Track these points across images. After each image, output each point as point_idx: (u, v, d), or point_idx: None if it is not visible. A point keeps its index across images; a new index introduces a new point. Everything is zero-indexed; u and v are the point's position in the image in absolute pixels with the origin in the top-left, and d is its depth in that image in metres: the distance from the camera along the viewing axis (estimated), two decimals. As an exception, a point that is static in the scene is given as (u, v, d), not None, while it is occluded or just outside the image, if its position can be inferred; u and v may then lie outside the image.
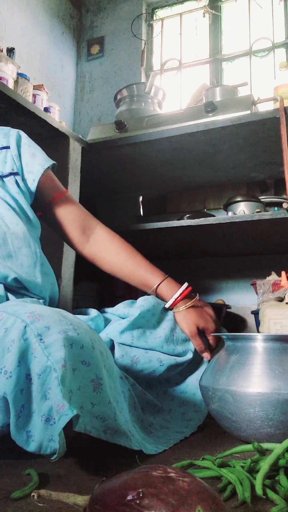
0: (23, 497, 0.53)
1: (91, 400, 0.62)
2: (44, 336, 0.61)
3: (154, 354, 0.94)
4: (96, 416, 0.62)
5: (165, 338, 0.96)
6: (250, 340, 0.80)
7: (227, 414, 0.77)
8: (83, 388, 0.62)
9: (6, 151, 1.01)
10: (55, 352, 0.60)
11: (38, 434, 0.58)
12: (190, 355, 0.97)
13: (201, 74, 2.62)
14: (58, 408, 0.56)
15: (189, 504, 0.38)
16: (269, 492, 0.53)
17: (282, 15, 2.46)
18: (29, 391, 0.60)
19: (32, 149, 1.04)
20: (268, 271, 1.56)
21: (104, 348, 0.72)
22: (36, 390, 0.59)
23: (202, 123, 1.72)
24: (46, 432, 0.57)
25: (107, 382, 0.67)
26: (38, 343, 0.60)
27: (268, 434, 0.73)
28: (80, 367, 0.62)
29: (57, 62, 2.71)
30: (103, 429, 0.62)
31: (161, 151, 1.87)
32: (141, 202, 2.50)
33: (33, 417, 0.59)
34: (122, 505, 0.39)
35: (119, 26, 2.79)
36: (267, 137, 1.72)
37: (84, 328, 0.68)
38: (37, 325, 0.62)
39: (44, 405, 0.58)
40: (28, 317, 0.63)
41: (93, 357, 0.65)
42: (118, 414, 0.66)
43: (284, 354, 0.77)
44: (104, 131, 1.99)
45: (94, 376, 0.64)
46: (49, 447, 0.57)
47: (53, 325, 0.63)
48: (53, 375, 0.58)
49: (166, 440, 0.79)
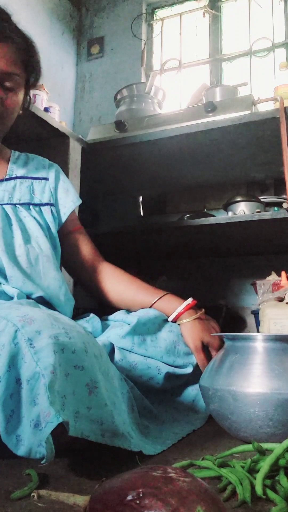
0: (23, 497, 0.53)
1: (86, 404, 0.62)
2: (35, 341, 0.61)
3: (153, 362, 0.94)
4: (93, 420, 0.62)
5: (166, 349, 0.96)
6: (250, 340, 0.80)
7: (227, 414, 0.77)
8: (77, 392, 0.62)
9: (45, 182, 1.10)
10: (44, 358, 0.60)
11: (28, 439, 0.58)
12: (190, 369, 0.97)
13: (201, 74, 2.62)
14: (45, 415, 0.57)
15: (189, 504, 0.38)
16: (269, 492, 0.53)
17: (282, 15, 2.46)
18: (18, 396, 0.60)
19: (66, 185, 1.14)
20: (268, 271, 1.56)
21: (99, 351, 0.71)
22: (26, 395, 0.59)
23: (202, 123, 1.72)
24: (35, 438, 0.57)
25: (103, 384, 0.67)
26: (28, 348, 0.60)
27: (268, 434, 0.73)
28: (73, 372, 0.62)
29: (57, 62, 2.70)
30: (101, 432, 0.62)
31: (161, 151, 1.87)
32: (141, 202, 2.50)
33: (23, 422, 0.59)
34: (122, 505, 0.39)
35: (119, 26, 2.79)
36: (267, 137, 1.72)
37: (77, 331, 0.68)
38: (28, 330, 0.62)
39: (33, 410, 0.58)
40: (19, 321, 0.63)
41: (87, 361, 0.65)
42: (115, 416, 0.66)
43: (284, 354, 0.77)
44: (104, 131, 1.99)
45: (88, 380, 0.64)
46: (38, 452, 0.57)
47: (44, 329, 0.62)
48: (42, 381, 0.58)
49: (163, 440, 0.79)
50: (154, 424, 0.87)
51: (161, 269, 2.32)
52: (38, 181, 1.09)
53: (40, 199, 1.06)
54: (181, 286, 2.26)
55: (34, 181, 1.08)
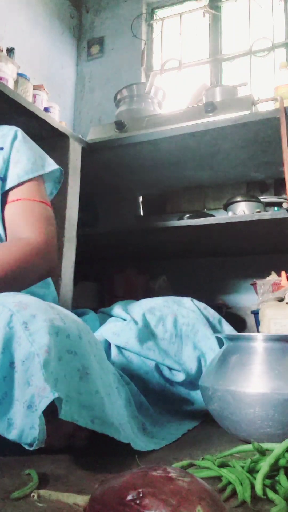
0: (23, 497, 0.53)
1: (77, 389, 0.62)
2: (30, 324, 0.61)
3: (147, 360, 0.94)
4: (84, 405, 0.62)
5: (160, 351, 0.94)
6: (250, 340, 0.80)
7: (227, 414, 0.77)
8: (68, 376, 0.62)
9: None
10: (39, 338, 0.60)
11: (20, 421, 0.58)
12: (182, 376, 0.95)
13: (201, 74, 2.62)
14: (40, 391, 0.57)
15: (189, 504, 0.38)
16: (269, 492, 0.53)
17: (282, 15, 2.46)
18: (11, 378, 0.60)
19: (19, 155, 0.99)
20: (268, 271, 1.57)
21: (94, 339, 0.72)
22: (19, 377, 0.59)
23: (202, 123, 1.72)
24: (28, 419, 0.57)
25: (98, 372, 0.67)
26: (23, 331, 0.61)
27: (268, 434, 0.73)
28: (66, 356, 0.63)
29: (57, 62, 2.71)
30: (91, 418, 0.62)
31: (161, 151, 1.87)
32: (141, 202, 2.50)
33: (15, 405, 0.59)
34: (122, 505, 0.39)
35: (119, 26, 2.79)
36: (267, 137, 1.72)
37: (71, 318, 0.68)
38: (23, 314, 0.62)
39: (26, 391, 0.58)
40: (15, 306, 0.63)
41: (80, 347, 0.65)
42: (106, 405, 0.66)
43: (284, 354, 0.77)
44: (104, 131, 1.99)
45: (80, 365, 0.64)
46: (30, 435, 0.57)
47: (39, 313, 0.63)
48: (36, 360, 0.58)
49: (158, 440, 0.79)
50: (150, 422, 0.87)
51: (161, 269, 2.32)
52: None
53: None
54: (181, 286, 2.26)
55: None
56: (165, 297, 1.07)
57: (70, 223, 1.65)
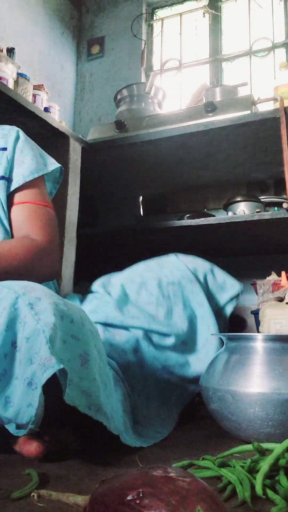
0: (23, 497, 0.53)
1: (79, 374, 0.63)
2: (35, 305, 0.62)
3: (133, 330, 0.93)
4: (83, 390, 0.63)
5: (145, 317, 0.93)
6: (250, 340, 0.80)
7: (227, 414, 0.77)
8: (72, 361, 0.63)
9: (2, 153, 1.00)
10: (45, 318, 0.61)
11: (18, 398, 0.58)
12: (172, 339, 0.93)
13: (201, 74, 2.62)
14: (45, 361, 0.57)
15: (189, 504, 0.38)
16: (269, 492, 0.53)
17: (282, 15, 2.46)
18: (12, 357, 0.61)
19: (23, 155, 1.00)
20: (268, 271, 1.56)
21: (95, 329, 0.73)
22: (22, 355, 0.60)
23: (202, 123, 1.72)
24: (26, 397, 0.58)
25: (97, 361, 0.68)
26: (29, 311, 0.62)
27: (268, 434, 0.73)
28: (70, 341, 0.64)
29: (57, 62, 2.71)
30: (88, 404, 0.63)
31: (161, 151, 1.87)
32: (141, 202, 2.50)
33: (14, 383, 0.59)
34: (122, 505, 0.39)
35: (119, 26, 2.79)
36: (267, 137, 1.72)
37: (74, 306, 0.70)
38: (29, 296, 0.63)
39: (28, 369, 0.59)
40: (21, 289, 0.64)
41: (83, 333, 0.66)
42: (101, 393, 0.67)
43: (284, 354, 0.77)
44: (104, 131, 1.99)
45: (82, 351, 0.65)
46: (27, 414, 0.57)
47: (44, 297, 0.64)
48: (41, 335, 0.59)
49: (146, 438, 0.79)
50: (140, 416, 0.87)
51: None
52: None
53: None
54: (181, 286, 2.25)
55: None
56: (147, 261, 1.06)
57: (70, 223, 1.65)
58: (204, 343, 0.97)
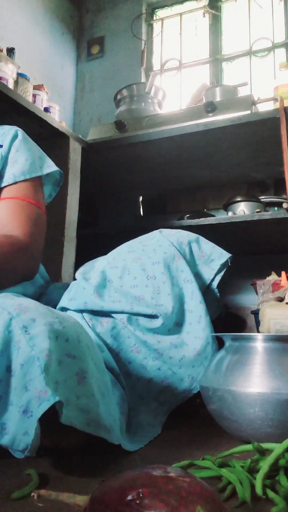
0: (23, 497, 0.53)
1: (75, 393, 0.62)
2: (30, 328, 0.61)
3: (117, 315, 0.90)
4: (81, 408, 0.62)
5: (127, 300, 0.89)
6: (250, 340, 0.80)
7: (227, 414, 0.77)
8: (68, 380, 0.62)
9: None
10: (39, 343, 0.59)
11: (13, 426, 0.57)
12: (160, 321, 0.89)
13: (201, 74, 2.62)
14: (40, 394, 0.56)
15: (189, 504, 0.38)
16: (269, 492, 0.53)
17: (282, 15, 2.46)
18: (7, 382, 0.59)
19: (18, 154, 0.99)
20: (268, 271, 1.57)
21: (91, 342, 0.72)
22: (16, 381, 0.59)
23: (202, 123, 1.72)
24: (22, 425, 0.56)
25: (95, 374, 0.67)
26: (23, 335, 0.60)
27: (268, 434, 0.73)
28: (66, 360, 0.62)
29: (57, 62, 2.71)
30: (87, 422, 0.62)
31: (161, 151, 1.87)
32: (141, 202, 2.50)
33: (9, 409, 0.58)
34: (122, 505, 0.39)
35: (119, 26, 2.79)
36: (267, 137, 1.72)
37: (70, 322, 0.68)
38: (23, 317, 0.62)
39: (23, 396, 0.57)
40: (15, 309, 0.63)
41: (79, 350, 0.65)
42: (101, 407, 0.66)
43: (284, 354, 0.77)
44: (104, 131, 1.99)
45: (78, 369, 0.64)
46: (23, 441, 0.56)
47: (38, 317, 0.63)
48: (36, 364, 0.58)
49: (141, 437, 0.79)
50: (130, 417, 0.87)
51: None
52: None
53: None
54: (181, 286, 2.26)
55: None
56: (131, 241, 1.03)
57: (70, 223, 1.65)
58: (198, 320, 0.94)
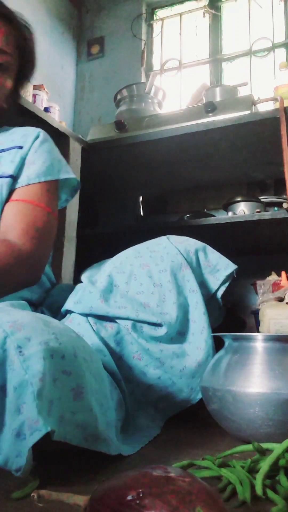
0: (23, 497, 0.53)
1: (71, 409, 0.62)
2: (24, 348, 0.60)
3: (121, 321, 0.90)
4: (77, 424, 0.62)
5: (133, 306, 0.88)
6: (250, 340, 0.80)
7: (227, 414, 0.77)
8: (63, 397, 0.61)
9: (17, 151, 0.97)
10: (33, 365, 0.59)
11: (6, 448, 0.57)
12: (164, 330, 0.88)
13: (201, 74, 2.62)
14: (32, 423, 0.55)
15: (189, 504, 0.38)
16: (269, 492, 0.53)
17: (282, 15, 2.46)
18: (2, 403, 0.58)
19: (36, 156, 0.98)
20: (268, 271, 1.56)
21: (89, 354, 0.71)
22: (11, 402, 0.58)
23: (202, 123, 1.72)
24: (15, 447, 0.56)
25: (93, 386, 0.67)
26: (17, 356, 0.59)
27: (268, 434, 0.73)
28: (61, 377, 0.61)
29: (57, 62, 2.71)
30: (84, 436, 0.62)
31: (161, 151, 1.87)
32: (141, 202, 2.50)
33: (3, 430, 0.58)
34: (122, 505, 0.39)
35: (119, 26, 2.79)
36: (267, 137, 1.72)
37: (67, 335, 0.67)
38: (18, 336, 0.61)
39: (16, 419, 0.57)
40: (10, 327, 0.61)
41: (75, 366, 0.64)
42: (99, 419, 0.66)
43: (284, 354, 0.77)
44: (104, 131, 1.99)
45: (74, 385, 0.63)
46: (15, 463, 0.56)
47: (34, 335, 0.62)
48: (29, 389, 0.57)
49: (140, 437, 0.79)
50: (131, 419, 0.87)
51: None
52: (8, 151, 0.98)
53: (4, 170, 0.94)
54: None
55: (2, 153, 0.97)
56: (138, 246, 1.02)
57: (70, 223, 1.65)
58: (201, 331, 0.93)
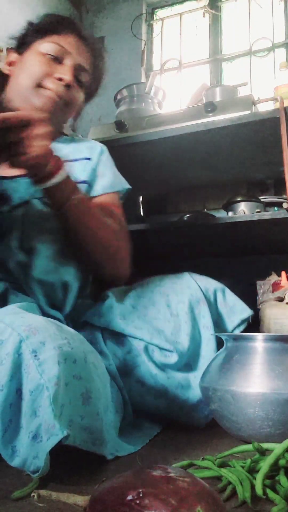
0: (23, 497, 0.53)
1: (80, 413, 0.63)
2: (39, 352, 0.61)
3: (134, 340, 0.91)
4: (85, 428, 0.63)
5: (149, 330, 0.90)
6: (250, 340, 0.80)
7: (227, 414, 0.77)
8: (73, 401, 0.62)
9: (86, 162, 1.09)
10: (48, 369, 0.60)
11: (24, 450, 0.58)
12: (175, 357, 0.89)
13: (201, 74, 2.62)
14: (49, 427, 0.57)
15: (189, 504, 0.38)
16: (269, 492, 0.53)
17: (282, 15, 2.46)
18: (18, 406, 0.60)
19: (105, 168, 1.12)
20: (268, 271, 1.56)
21: (97, 359, 0.72)
22: (26, 406, 0.59)
23: (202, 123, 1.72)
24: (32, 449, 0.57)
25: (100, 391, 0.68)
26: (32, 360, 0.60)
27: (268, 434, 0.73)
28: (72, 381, 0.63)
29: (57, 62, 2.70)
30: (92, 441, 0.63)
31: (161, 151, 1.87)
32: (141, 202, 2.50)
33: (20, 433, 0.59)
34: (122, 505, 0.39)
35: (119, 26, 2.79)
36: (267, 137, 1.72)
37: (78, 340, 0.68)
38: (33, 340, 0.62)
39: (33, 422, 0.58)
40: (24, 331, 0.63)
41: (85, 371, 0.65)
42: (104, 423, 0.67)
43: (284, 354, 0.77)
44: (104, 131, 1.99)
45: (84, 389, 0.64)
46: (33, 464, 0.57)
47: (48, 340, 0.63)
48: (45, 393, 0.58)
49: (138, 437, 0.79)
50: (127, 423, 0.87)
51: (161, 269, 2.31)
52: (79, 161, 1.09)
53: (78, 177, 1.04)
54: (181, 286, 2.25)
55: (75, 162, 1.08)
56: (161, 276, 1.09)
57: (70, 223, 1.65)
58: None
